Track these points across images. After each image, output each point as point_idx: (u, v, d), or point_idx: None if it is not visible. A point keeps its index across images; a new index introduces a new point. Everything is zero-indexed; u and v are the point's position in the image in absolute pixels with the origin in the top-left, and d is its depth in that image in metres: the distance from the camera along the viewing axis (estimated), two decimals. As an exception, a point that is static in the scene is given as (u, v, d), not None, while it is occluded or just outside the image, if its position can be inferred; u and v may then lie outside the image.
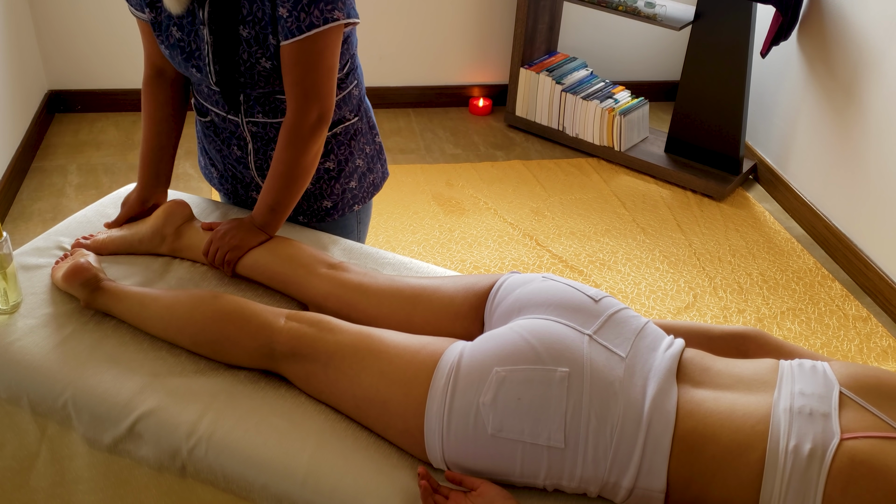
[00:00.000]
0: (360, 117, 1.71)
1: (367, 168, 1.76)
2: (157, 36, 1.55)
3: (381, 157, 1.81)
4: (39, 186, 3.23)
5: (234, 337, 1.34)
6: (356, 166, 1.73)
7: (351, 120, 1.68)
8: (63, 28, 3.61)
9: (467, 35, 3.98)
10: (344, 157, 1.69)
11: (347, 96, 1.65)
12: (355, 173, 1.73)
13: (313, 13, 1.39)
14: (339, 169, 1.70)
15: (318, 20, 1.40)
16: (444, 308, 1.39)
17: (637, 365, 1.19)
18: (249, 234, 1.55)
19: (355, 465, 1.21)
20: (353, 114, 1.68)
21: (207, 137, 1.73)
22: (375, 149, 1.78)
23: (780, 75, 3.51)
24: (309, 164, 1.53)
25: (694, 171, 3.51)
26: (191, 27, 1.49)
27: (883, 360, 2.61)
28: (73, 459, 1.37)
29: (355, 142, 1.71)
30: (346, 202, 1.75)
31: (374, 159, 1.78)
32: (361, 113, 1.71)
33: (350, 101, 1.66)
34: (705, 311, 2.79)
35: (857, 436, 1.04)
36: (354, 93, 1.67)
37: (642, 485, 1.11)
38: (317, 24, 1.41)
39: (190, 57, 1.52)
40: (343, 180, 1.71)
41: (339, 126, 1.66)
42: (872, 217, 2.94)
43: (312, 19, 1.40)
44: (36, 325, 1.43)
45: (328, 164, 1.68)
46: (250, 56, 1.47)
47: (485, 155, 3.72)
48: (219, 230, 1.57)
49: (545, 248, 3.06)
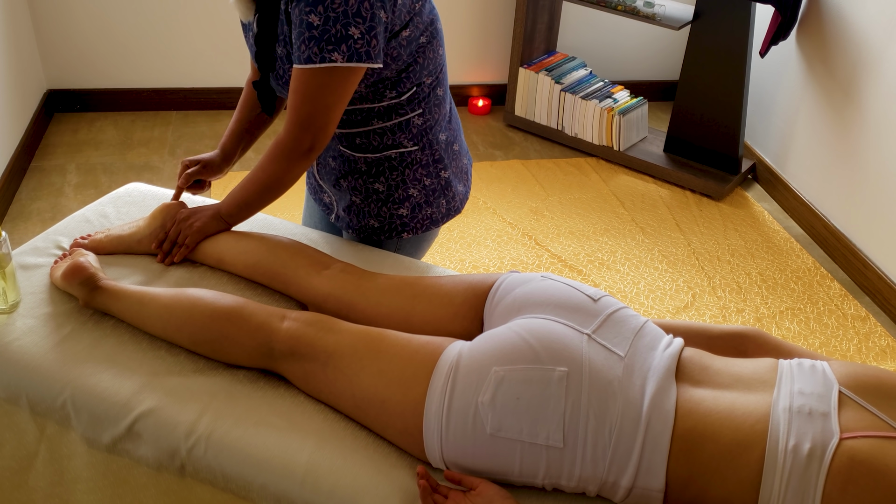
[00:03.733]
0: (421, 148, 1.65)
1: (425, 201, 1.70)
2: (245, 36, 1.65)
3: (446, 194, 1.73)
4: (38, 186, 3.23)
5: (233, 336, 1.34)
6: (409, 195, 1.68)
7: (408, 148, 1.63)
8: (62, 27, 3.60)
9: (466, 35, 3.98)
10: (395, 183, 1.66)
11: (406, 123, 1.60)
12: (407, 201, 1.68)
13: (312, 49, 1.39)
14: (389, 194, 1.67)
15: (316, 57, 1.40)
16: (444, 308, 1.39)
17: (636, 364, 1.19)
18: (212, 221, 1.61)
19: (354, 465, 1.21)
20: (412, 143, 1.63)
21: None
22: (440, 184, 1.71)
23: (779, 75, 3.52)
24: (290, 182, 1.54)
25: (693, 170, 3.51)
26: (250, 33, 1.58)
27: (882, 360, 2.62)
28: (72, 459, 1.37)
29: (410, 170, 1.66)
30: (393, 227, 1.71)
31: (435, 193, 1.71)
32: (424, 144, 1.65)
33: (408, 130, 1.61)
34: (704, 310, 2.79)
35: (856, 435, 1.04)
36: (416, 122, 1.62)
37: (641, 484, 1.11)
38: (313, 61, 1.40)
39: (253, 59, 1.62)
40: (392, 205, 1.68)
41: (394, 150, 1.63)
42: (871, 217, 2.94)
43: (311, 54, 1.40)
44: (35, 324, 1.43)
45: (377, 185, 1.66)
46: (285, 72, 1.52)
47: (484, 154, 3.71)
48: (182, 212, 1.63)
49: (544, 248, 3.06)
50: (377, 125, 1.58)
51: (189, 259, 1.63)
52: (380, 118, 1.57)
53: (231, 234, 1.61)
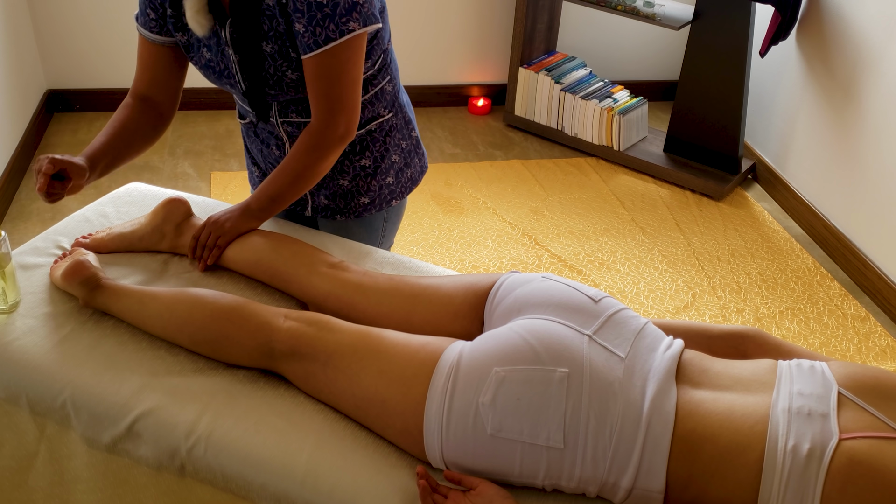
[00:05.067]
0: (394, 113, 1.71)
1: (405, 163, 1.76)
2: (191, 57, 1.58)
3: (418, 151, 1.81)
4: (38, 185, 3.23)
5: (233, 336, 1.34)
6: (392, 162, 1.73)
7: (385, 116, 1.68)
8: (62, 27, 3.60)
9: (466, 34, 3.98)
10: (380, 154, 1.70)
11: (380, 92, 1.64)
12: (392, 169, 1.74)
13: (329, 27, 1.40)
14: (376, 166, 1.71)
15: (335, 33, 1.41)
16: (444, 308, 1.39)
17: (636, 365, 1.19)
18: (242, 219, 1.57)
19: (354, 465, 1.21)
20: (388, 110, 1.68)
21: (250, 138, 1.77)
22: (412, 143, 1.78)
23: (778, 75, 3.52)
24: (324, 170, 1.55)
25: (693, 170, 3.51)
26: (217, 47, 1.52)
27: (881, 360, 2.62)
28: (72, 459, 1.37)
29: (390, 138, 1.71)
30: (383, 198, 1.76)
31: (410, 154, 1.78)
32: (396, 108, 1.71)
33: (383, 98, 1.66)
34: (704, 310, 2.79)
35: (855, 436, 1.04)
36: (388, 88, 1.66)
37: (641, 485, 1.11)
38: (333, 38, 1.41)
39: (221, 75, 1.56)
40: (380, 176, 1.72)
41: (374, 122, 1.67)
42: (871, 216, 2.94)
43: (328, 33, 1.40)
44: (34, 324, 1.43)
45: (364, 161, 1.69)
46: (276, 70, 1.50)
47: (484, 154, 3.71)
48: (213, 216, 1.59)
49: (544, 248, 3.06)
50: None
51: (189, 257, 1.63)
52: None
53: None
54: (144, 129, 1.62)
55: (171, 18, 1.53)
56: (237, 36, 1.48)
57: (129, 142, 1.60)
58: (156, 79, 1.62)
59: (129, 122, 1.60)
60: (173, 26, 1.54)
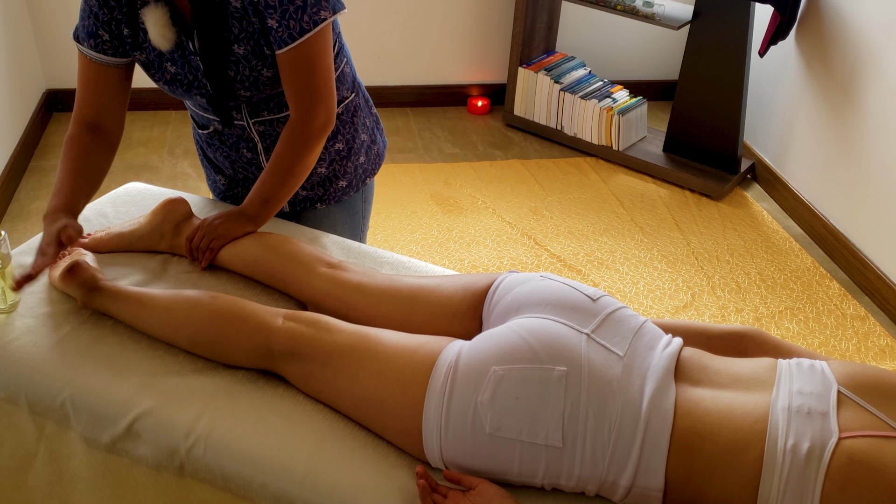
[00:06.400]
0: (356, 93, 1.74)
1: (371, 140, 1.80)
2: (153, 74, 1.54)
3: (378, 127, 1.85)
4: (37, 185, 3.23)
5: (232, 337, 1.34)
6: (362, 141, 1.76)
7: (349, 97, 1.71)
8: (61, 27, 3.60)
9: (465, 34, 3.98)
10: (350, 136, 1.73)
11: (342, 75, 1.67)
12: (362, 148, 1.77)
13: (303, 19, 1.40)
14: (349, 147, 1.73)
15: (309, 24, 1.41)
16: (443, 307, 1.39)
17: (635, 364, 1.19)
18: (237, 223, 1.55)
19: (353, 465, 1.21)
20: (350, 91, 1.72)
21: (212, 147, 1.74)
22: (373, 120, 1.82)
23: (778, 75, 3.52)
24: (311, 163, 1.55)
25: (692, 170, 3.51)
26: (183, 59, 1.50)
27: (881, 360, 2.62)
28: (71, 459, 1.37)
29: (357, 117, 1.74)
30: (358, 177, 1.79)
31: (373, 130, 1.81)
32: (356, 88, 1.75)
33: (345, 80, 1.69)
34: (703, 310, 2.79)
35: (855, 435, 1.04)
36: (346, 70, 1.69)
37: (640, 483, 1.11)
38: (308, 29, 1.41)
39: (190, 87, 1.54)
40: (354, 157, 1.75)
41: (341, 105, 1.69)
42: (870, 216, 2.94)
43: (303, 25, 1.40)
44: (34, 324, 1.43)
45: (337, 145, 1.71)
46: (252, 70, 1.49)
47: (483, 154, 3.71)
48: (207, 219, 1.58)
49: (543, 248, 3.06)
50: None
51: (188, 257, 1.63)
52: None
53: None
54: (102, 163, 1.56)
55: (129, 38, 1.49)
56: (206, 44, 1.45)
57: (94, 179, 1.53)
58: (104, 103, 1.55)
59: (87, 157, 1.52)
60: (131, 46, 1.50)
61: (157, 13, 1.44)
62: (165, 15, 1.44)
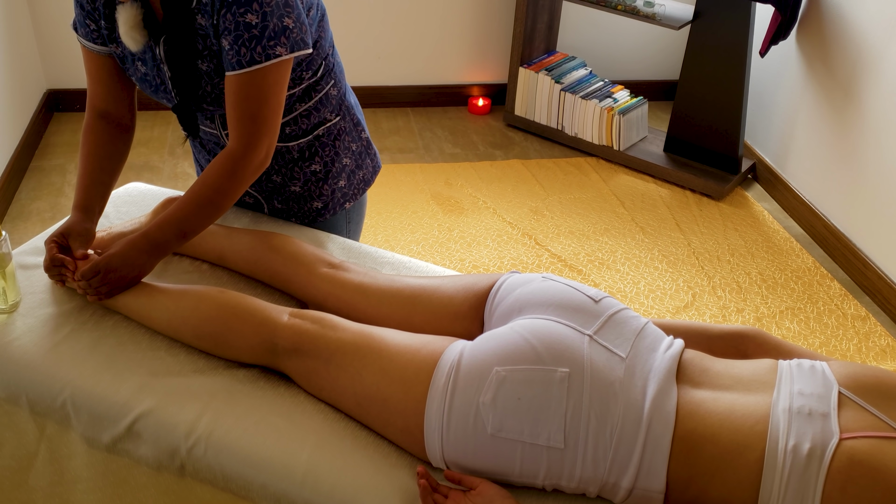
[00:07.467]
0: (342, 116, 1.69)
1: (356, 165, 1.75)
2: (126, 69, 1.54)
3: (369, 152, 1.80)
4: (38, 186, 3.23)
5: (238, 330, 1.34)
6: (344, 165, 1.72)
7: (332, 120, 1.67)
8: (61, 27, 3.60)
9: (466, 34, 3.98)
10: (330, 158, 1.69)
11: (325, 97, 1.63)
12: (343, 172, 1.72)
13: (255, 49, 1.36)
14: (327, 171, 1.69)
15: (261, 56, 1.37)
16: (444, 308, 1.39)
17: (637, 365, 1.19)
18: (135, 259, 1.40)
19: (354, 465, 1.21)
20: (334, 114, 1.67)
21: (196, 149, 1.75)
22: (363, 145, 1.77)
23: (778, 75, 3.52)
24: (237, 196, 1.45)
25: (693, 170, 3.51)
26: (153, 62, 1.49)
27: (881, 360, 2.62)
28: (72, 459, 1.37)
29: (340, 141, 1.70)
30: (336, 201, 1.75)
31: (361, 156, 1.77)
32: (343, 111, 1.69)
33: (329, 102, 1.64)
34: (704, 310, 2.79)
35: (856, 435, 1.04)
36: (332, 93, 1.64)
37: (642, 485, 1.11)
38: (259, 61, 1.37)
39: (157, 90, 1.54)
40: (331, 181, 1.71)
41: (321, 128, 1.65)
42: (871, 216, 2.94)
43: (254, 55, 1.37)
44: (34, 324, 1.43)
45: (314, 166, 1.68)
46: (213, 87, 1.47)
47: (484, 154, 3.71)
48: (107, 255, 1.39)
49: (544, 248, 3.06)
50: (301, 108, 1.59)
51: (190, 256, 1.63)
52: (301, 101, 1.58)
53: (232, 232, 1.61)
54: (118, 150, 1.57)
55: (105, 30, 1.49)
56: (171, 54, 1.44)
57: (112, 169, 1.55)
58: (110, 91, 1.57)
59: (102, 148, 1.55)
60: (108, 38, 1.50)
61: (131, 13, 1.42)
62: (138, 16, 1.42)
